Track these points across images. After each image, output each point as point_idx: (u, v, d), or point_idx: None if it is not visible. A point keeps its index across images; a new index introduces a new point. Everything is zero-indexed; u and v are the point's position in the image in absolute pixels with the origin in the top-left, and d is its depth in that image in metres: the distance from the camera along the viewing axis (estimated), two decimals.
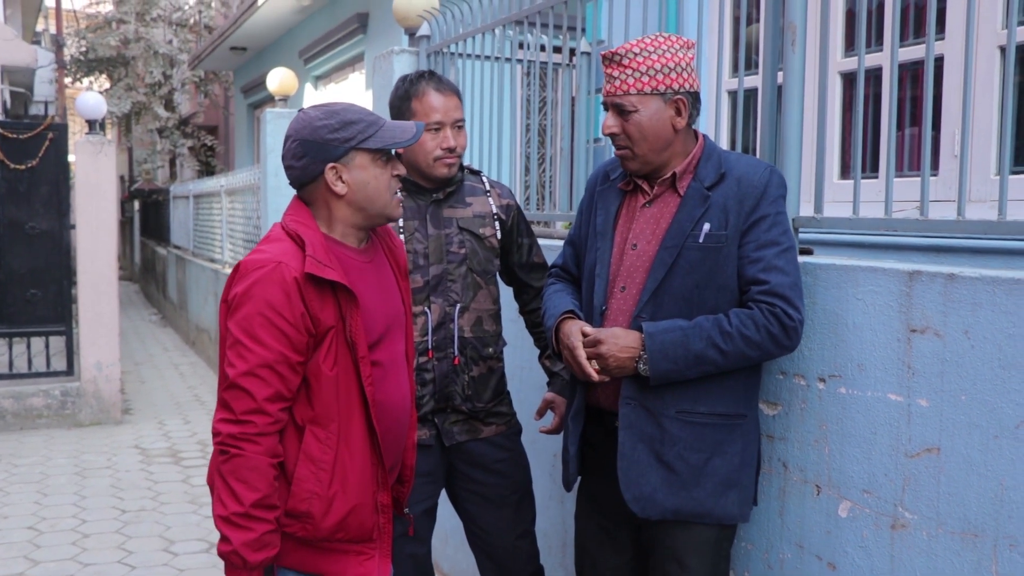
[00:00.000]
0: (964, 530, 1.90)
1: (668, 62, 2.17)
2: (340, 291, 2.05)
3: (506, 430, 2.84)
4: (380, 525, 2.18)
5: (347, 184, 2.08)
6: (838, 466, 2.18)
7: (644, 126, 2.19)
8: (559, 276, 2.56)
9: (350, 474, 2.09)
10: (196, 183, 12.79)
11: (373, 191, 2.11)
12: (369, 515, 2.14)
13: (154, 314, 15.32)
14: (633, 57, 2.18)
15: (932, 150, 2.91)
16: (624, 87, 2.19)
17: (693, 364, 2.12)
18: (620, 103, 2.20)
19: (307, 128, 2.08)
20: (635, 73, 2.18)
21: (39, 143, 7.49)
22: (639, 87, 2.18)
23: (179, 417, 7.88)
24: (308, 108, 2.14)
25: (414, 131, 2.13)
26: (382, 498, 2.17)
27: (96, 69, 18.13)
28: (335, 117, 2.08)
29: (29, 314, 7.59)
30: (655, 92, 2.17)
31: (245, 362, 1.98)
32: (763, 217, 2.14)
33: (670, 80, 2.18)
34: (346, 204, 2.11)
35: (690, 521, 2.22)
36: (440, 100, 2.67)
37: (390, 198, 2.14)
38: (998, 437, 1.84)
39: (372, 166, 2.10)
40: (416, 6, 4.54)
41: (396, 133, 2.11)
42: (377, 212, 2.14)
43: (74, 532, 5.04)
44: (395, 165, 2.15)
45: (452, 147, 2.67)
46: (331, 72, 10.72)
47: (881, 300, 2.06)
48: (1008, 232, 2.01)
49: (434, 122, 2.65)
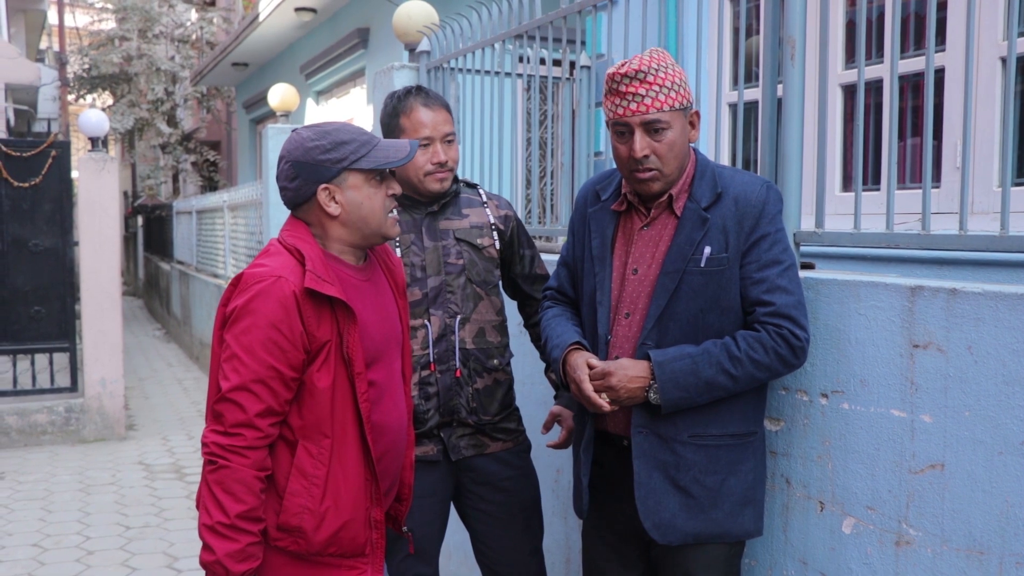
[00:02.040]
0: (969, 547, 1.89)
1: (680, 76, 2.15)
2: (338, 307, 2.05)
3: (514, 446, 2.82)
4: (373, 540, 2.18)
5: (340, 205, 2.08)
6: (841, 482, 2.16)
7: (676, 144, 2.13)
8: (555, 299, 2.52)
9: (343, 489, 2.09)
10: (199, 198, 12.82)
11: (367, 211, 2.10)
12: (361, 530, 2.14)
13: (158, 329, 15.33)
14: (656, 73, 2.10)
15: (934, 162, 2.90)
16: (656, 104, 2.09)
17: (704, 391, 2.11)
18: (653, 120, 2.11)
19: (299, 149, 2.08)
20: (663, 89, 2.10)
21: (42, 161, 7.51)
22: (670, 103, 2.11)
23: (183, 433, 7.88)
24: (301, 128, 2.14)
25: (407, 150, 2.12)
26: (375, 513, 2.17)
27: (99, 86, 18.21)
28: (327, 138, 2.07)
29: (33, 331, 7.61)
30: (680, 107, 2.14)
31: (239, 376, 1.99)
32: (763, 236, 2.12)
33: (686, 93, 2.15)
34: (340, 224, 2.11)
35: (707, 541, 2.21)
36: (428, 115, 2.66)
37: (385, 218, 2.13)
38: (1003, 453, 1.83)
39: (366, 186, 2.10)
40: (416, 22, 4.55)
41: (389, 153, 2.11)
42: (372, 232, 2.13)
43: (78, 549, 5.03)
44: (390, 184, 2.15)
45: (443, 161, 2.66)
46: (332, 87, 10.75)
47: (883, 315, 2.05)
48: (1010, 247, 2.00)
49: (423, 137, 2.64)
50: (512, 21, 3.78)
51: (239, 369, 1.99)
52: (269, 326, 1.98)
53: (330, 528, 2.08)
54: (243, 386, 1.98)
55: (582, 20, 3.55)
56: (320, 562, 2.11)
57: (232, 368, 2.00)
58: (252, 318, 1.99)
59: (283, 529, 2.06)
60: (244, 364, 1.98)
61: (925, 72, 2.21)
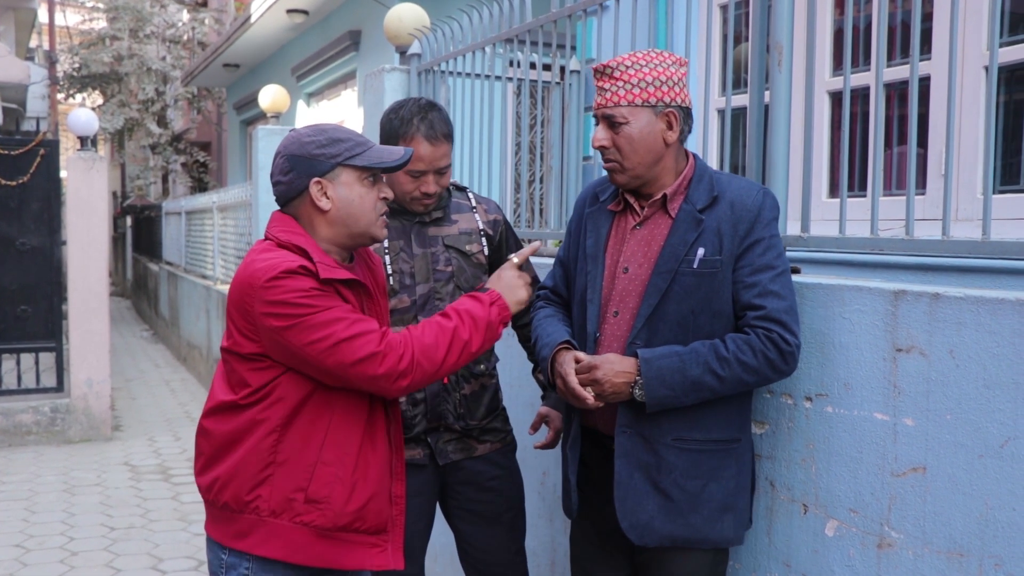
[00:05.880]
0: (950, 549, 1.91)
1: (660, 76, 2.18)
2: (354, 287, 2.10)
3: (501, 447, 2.83)
4: (393, 517, 2.21)
5: (331, 200, 2.10)
6: (825, 485, 2.18)
7: (634, 139, 2.18)
8: (548, 299, 2.53)
9: (372, 461, 2.13)
10: (188, 199, 12.79)
11: (357, 209, 2.12)
12: (385, 505, 2.17)
13: (146, 330, 15.27)
14: (625, 70, 2.18)
15: (918, 169, 2.93)
16: (615, 99, 2.18)
17: (690, 390, 2.11)
18: (611, 115, 2.19)
19: (295, 144, 2.11)
20: (626, 85, 2.17)
21: (31, 159, 7.49)
22: (630, 99, 2.17)
23: (169, 434, 7.85)
24: (299, 127, 2.16)
25: (401, 155, 2.15)
26: (396, 488, 2.21)
27: (89, 85, 18.15)
28: (323, 134, 2.11)
29: (19, 330, 7.57)
30: (646, 104, 2.17)
31: (339, 321, 1.98)
32: (757, 241, 2.12)
33: (661, 93, 2.17)
34: (329, 222, 2.12)
35: (686, 547, 2.22)
36: (428, 150, 2.60)
37: (375, 218, 2.15)
38: (983, 456, 1.84)
39: (357, 184, 2.12)
40: (407, 24, 4.56)
41: (383, 155, 2.13)
42: (360, 231, 2.15)
43: (62, 550, 5.01)
44: (382, 188, 2.17)
45: (431, 192, 2.65)
46: (323, 89, 10.75)
47: (867, 319, 2.07)
48: (992, 252, 2.02)
49: (417, 170, 2.60)
50: (503, 25, 3.79)
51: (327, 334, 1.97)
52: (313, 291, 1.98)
53: (360, 499, 2.10)
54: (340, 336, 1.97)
55: (572, 25, 3.56)
56: (344, 539, 2.11)
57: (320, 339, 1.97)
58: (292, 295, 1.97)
59: (311, 501, 2.06)
60: (324, 325, 1.97)
61: (910, 80, 2.23)
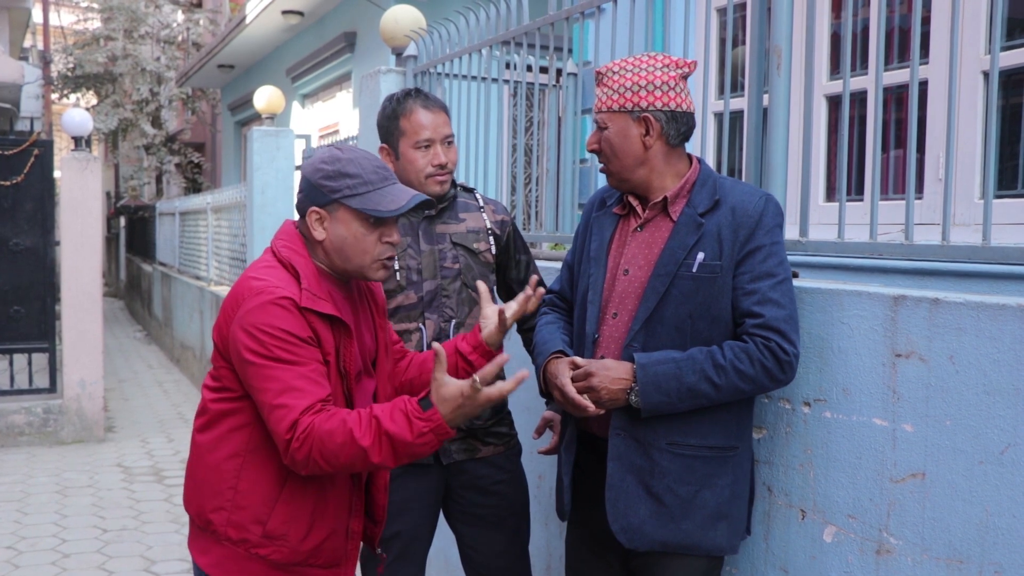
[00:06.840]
0: (949, 556, 1.90)
1: (640, 80, 2.19)
2: (335, 322, 2.04)
3: (505, 450, 2.81)
4: (348, 552, 2.20)
5: (326, 232, 2.06)
6: (823, 491, 2.17)
7: (613, 143, 2.23)
8: (553, 304, 2.53)
9: (330, 499, 2.10)
10: (182, 200, 12.75)
11: (350, 249, 2.06)
12: (341, 542, 2.16)
13: (139, 331, 15.23)
14: (612, 75, 2.23)
15: (917, 174, 2.92)
16: (599, 104, 2.25)
17: (686, 397, 2.10)
18: (597, 119, 2.26)
19: (310, 166, 2.08)
20: (609, 91, 2.22)
21: (24, 159, 7.45)
22: (609, 104, 2.22)
23: (162, 435, 7.82)
24: (333, 145, 2.12)
25: (403, 203, 2.04)
26: (354, 524, 2.19)
27: (83, 85, 18.08)
28: (335, 165, 2.05)
29: (12, 331, 7.53)
30: (623, 109, 2.20)
31: (278, 382, 1.93)
32: (758, 247, 2.11)
33: (638, 98, 2.19)
34: (324, 250, 2.09)
35: (679, 553, 2.20)
36: (428, 117, 2.66)
37: (369, 261, 2.08)
38: (983, 463, 1.84)
39: (355, 224, 2.05)
40: (403, 26, 4.55)
41: (382, 201, 2.04)
42: (352, 269, 2.10)
43: (54, 552, 4.98)
44: (387, 232, 2.08)
45: (443, 163, 2.66)
46: (318, 90, 10.73)
47: (866, 324, 2.06)
48: (991, 258, 2.02)
49: (424, 139, 2.63)
50: (499, 27, 3.78)
51: (266, 387, 1.94)
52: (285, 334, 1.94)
53: (316, 538, 2.08)
54: (284, 390, 1.93)
55: (569, 27, 3.55)
56: (298, 572, 2.11)
57: (261, 389, 1.95)
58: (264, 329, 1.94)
59: (269, 536, 2.04)
60: (270, 379, 1.94)
61: (909, 84, 2.23)
